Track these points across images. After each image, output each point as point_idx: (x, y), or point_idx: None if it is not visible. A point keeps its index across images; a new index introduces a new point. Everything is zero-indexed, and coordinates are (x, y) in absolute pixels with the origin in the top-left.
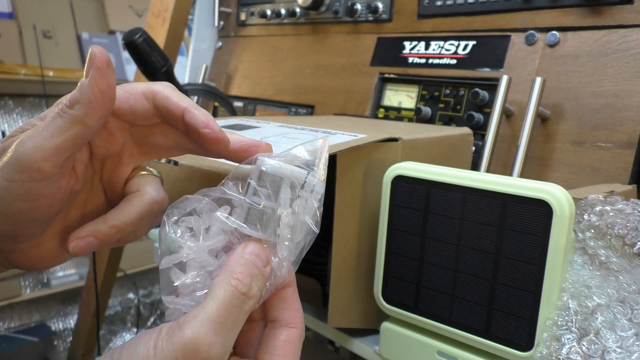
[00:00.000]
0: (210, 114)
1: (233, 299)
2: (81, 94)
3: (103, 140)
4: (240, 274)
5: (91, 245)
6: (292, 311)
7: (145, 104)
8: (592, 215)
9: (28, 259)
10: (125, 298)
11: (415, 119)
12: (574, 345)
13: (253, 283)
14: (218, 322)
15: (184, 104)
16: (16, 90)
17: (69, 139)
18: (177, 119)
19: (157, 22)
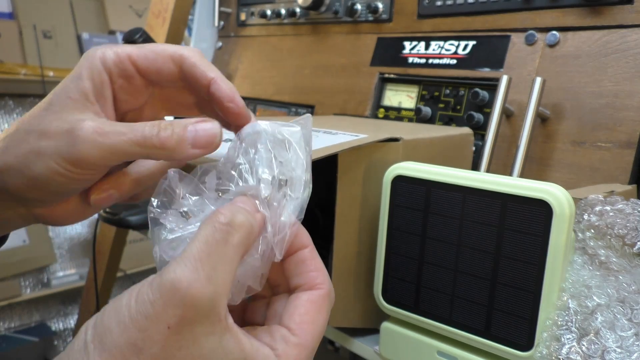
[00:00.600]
0: (234, 88)
1: (215, 232)
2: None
3: (127, 95)
4: (223, 209)
5: (112, 197)
6: (312, 272)
7: (172, 68)
8: (592, 215)
9: (53, 215)
10: None
11: (415, 119)
12: (574, 345)
13: (237, 214)
14: (199, 259)
15: (211, 74)
16: (16, 90)
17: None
18: (202, 87)
19: (157, 22)
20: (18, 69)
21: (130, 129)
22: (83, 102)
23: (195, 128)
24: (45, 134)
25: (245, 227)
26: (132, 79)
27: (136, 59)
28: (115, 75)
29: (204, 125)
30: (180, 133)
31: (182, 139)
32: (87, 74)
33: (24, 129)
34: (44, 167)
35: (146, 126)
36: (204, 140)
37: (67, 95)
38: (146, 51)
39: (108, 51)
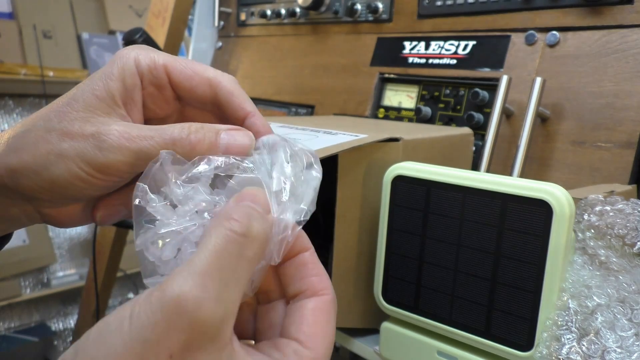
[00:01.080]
0: (269, 125)
1: (228, 243)
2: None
3: (153, 104)
4: (236, 214)
5: (119, 214)
6: (315, 277)
7: (207, 91)
8: (592, 215)
9: (60, 216)
10: (125, 298)
11: (415, 119)
12: (574, 345)
13: (254, 222)
14: (208, 274)
15: (249, 107)
16: (16, 90)
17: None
18: (236, 119)
19: (157, 22)
20: (18, 69)
21: (158, 132)
22: (109, 103)
23: (229, 135)
24: (68, 135)
25: (261, 239)
26: (163, 89)
27: (171, 71)
28: (146, 81)
29: (237, 134)
30: (212, 138)
31: (213, 144)
32: (118, 74)
33: (44, 126)
34: (65, 171)
35: (175, 128)
36: (236, 149)
37: (93, 92)
38: (184, 66)
39: (143, 54)
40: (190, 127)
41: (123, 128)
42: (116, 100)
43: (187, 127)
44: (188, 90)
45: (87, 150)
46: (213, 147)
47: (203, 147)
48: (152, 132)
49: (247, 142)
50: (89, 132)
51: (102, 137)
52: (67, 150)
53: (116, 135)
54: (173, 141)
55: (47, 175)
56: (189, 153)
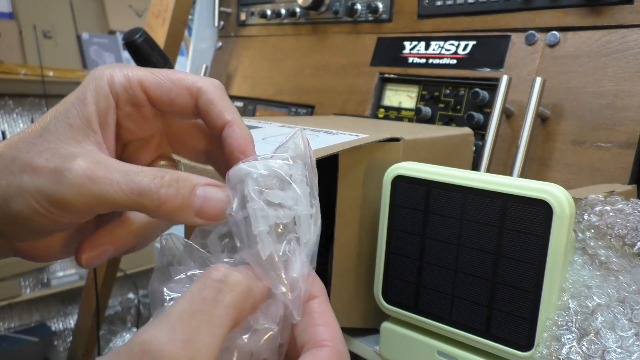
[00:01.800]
0: (251, 137)
1: (203, 289)
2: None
3: (133, 124)
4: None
5: (106, 254)
6: (319, 326)
7: (188, 100)
8: (592, 215)
9: (35, 251)
10: (125, 298)
11: (415, 119)
12: (574, 345)
13: (234, 272)
14: (179, 319)
15: (227, 117)
16: (16, 90)
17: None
18: (215, 128)
19: (157, 22)
20: (18, 69)
21: (126, 177)
22: (84, 130)
23: (205, 193)
24: (30, 167)
25: (241, 287)
26: (141, 107)
27: (148, 86)
28: (122, 102)
29: (215, 193)
30: (185, 195)
31: (186, 203)
32: (92, 97)
33: (10, 155)
34: (24, 206)
35: (146, 176)
36: (212, 211)
37: (67, 121)
38: (161, 78)
39: (117, 73)
40: (163, 177)
41: (88, 164)
42: (92, 126)
43: (160, 178)
44: (168, 103)
45: (45, 186)
46: (184, 207)
47: (173, 205)
48: (120, 176)
49: (224, 203)
50: (52, 166)
51: (63, 172)
52: (27, 184)
53: (79, 172)
54: (140, 192)
55: (8, 210)
56: (156, 209)
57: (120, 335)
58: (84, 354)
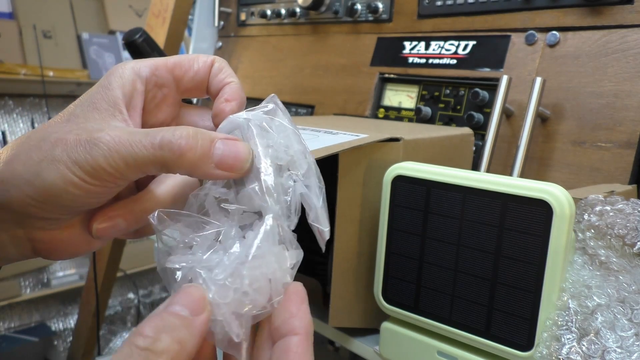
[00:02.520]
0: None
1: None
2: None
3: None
4: (147, 327)
5: (117, 227)
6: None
7: (206, 71)
8: (592, 215)
9: (53, 242)
10: (125, 298)
11: (415, 119)
12: (574, 345)
13: (162, 335)
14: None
15: (232, 79)
16: (16, 90)
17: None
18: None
19: (157, 22)
20: (18, 69)
21: (148, 136)
22: (110, 111)
23: (224, 145)
24: (62, 142)
25: (172, 351)
26: (167, 88)
27: (172, 67)
28: (150, 84)
29: (233, 145)
30: (205, 146)
31: (206, 154)
32: (117, 83)
33: (39, 137)
34: (58, 176)
35: (167, 132)
36: (231, 163)
37: (94, 106)
38: (179, 58)
39: (140, 63)
40: (183, 130)
41: (116, 132)
42: (118, 107)
43: (180, 130)
44: (191, 78)
45: (79, 155)
46: (205, 157)
47: (194, 155)
48: (142, 136)
49: (244, 155)
50: (83, 138)
51: (94, 141)
52: (60, 156)
53: (108, 139)
54: (161, 145)
55: (40, 183)
56: (178, 160)
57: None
58: (84, 354)
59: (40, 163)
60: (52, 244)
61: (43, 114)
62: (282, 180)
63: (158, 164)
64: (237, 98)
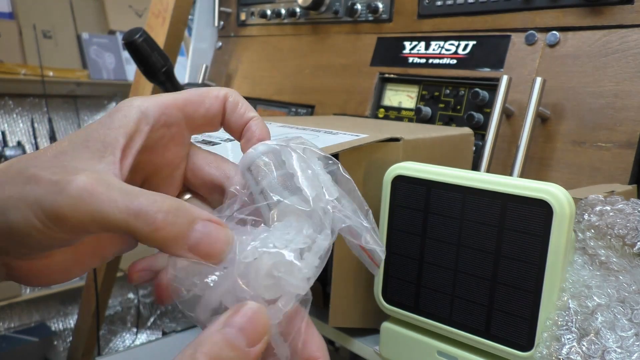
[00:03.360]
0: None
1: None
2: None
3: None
4: (202, 355)
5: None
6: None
7: (218, 107)
8: (592, 215)
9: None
10: (125, 298)
11: (415, 119)
12: (574, 345)
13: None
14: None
15: (252, 114)
16: (16, 90)
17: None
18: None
19: (157, 22)
20: (18, 69)
21: (127, 197)
22: (101, 153)
23: (205, 229)
24: (34, 178)
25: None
26: (175, 127)
27: (182, 105)
28: (158, 124)
29: (215, 231)
30: (182, 226)
31: (181, 235)
32: (119, 122)
33: (18, 168)
34: (21, 217)
35: (146, 199)
36: (207, 250)
37: (86, 144)
38: (188, 94)
39: (148, 100)
40: (163, 202)
41: (91, 180)
42: (111, 149)
43: (160, 203)
44: (203, 114)
45: (45, 197)
46: (179, 238)
47: (167, 234)
48: (119, 194)
49: (223, 244)
50: (55, 178)
51: (64, 184)
52: (27, 194)
53: (79, 185)
54: (137, 213)
55: (4, 221)
56: (149, 234)
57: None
58: (84, 354)
59: (8, 200)
60: (27, 271)
61: (43, 114)
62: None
63: (126, 231)
64: (267, 135)
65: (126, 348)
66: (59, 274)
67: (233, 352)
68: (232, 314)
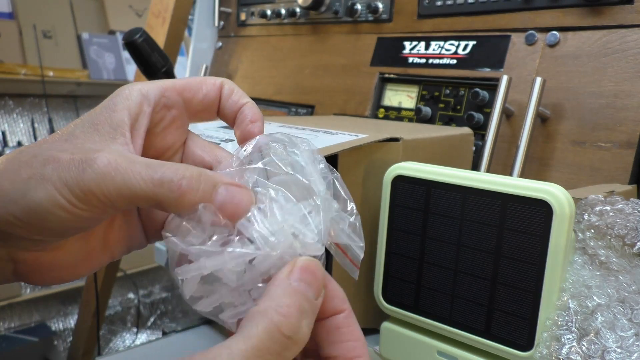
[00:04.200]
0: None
1: (273, 342)
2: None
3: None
4: (287, 307)
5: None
6: (351, 342)
7: (215, 93)
8: (592, 215)
9: (37, 263)
10: (125, 298)
11: (415, 119)
12: (574, 345)
13: (303, 323)
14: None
15: (245, 99)
16: (16, 90)
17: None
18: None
19: (157, 22)
20: (18, 69)
21: (149, 168)
22: (111, 134)
23: (227, 192)
24: (54, 160)
25: (305, 339)
26: (175, 109)
27: (181, 89)
28: (158, 106)
29: (237, 193)
30: (207, 190)
31: (206, 198)
32: (123, 104)
33: (31, 153)
34: (45, 196)
35: (169, 169)
36: (231, 211)
37: (95, 127)
38: (187, 80)
39: (148, 84)
40: (186, 170)
41: (114, 157)
42: (121, 130)
43: (183, 170)
44: (201, 100)
45: (70, 176)
46: (205, 201)
47: (194, 197)
48: (142, 167)
49: (246, 204)
50: (77, 157)
51: (88, 162)
52: (50, 174)
53: (104, 162)
54: (161, 182)
55: (25, 203)
56: (176, 200)
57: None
58: (84, 354)
59: (28, 181)
60: (35, 266)
61: (43, 114)
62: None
63: (153, 201)
64: (260, 118)
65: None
66: (66, 271)
67: (308, 304)
68: (297, 267)
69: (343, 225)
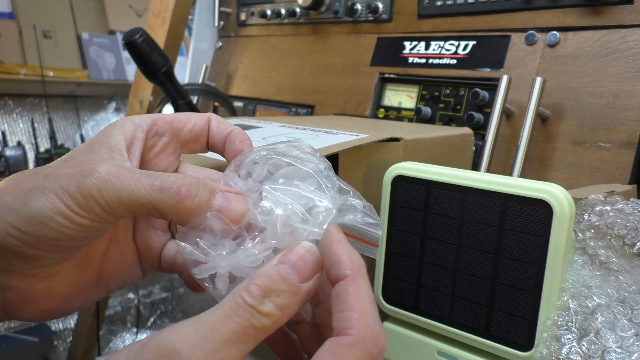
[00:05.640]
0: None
1: (238, 309)
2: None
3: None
4: (255, 286)
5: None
6: (343, 312)
7: (204, 124)
8: (592, 215)
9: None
10: (125, 298)
11: (415, 119)
12: (574, 345)
13: (269, 299)
14: (212, 327)
15: (232, 127)
16: (16, 90)
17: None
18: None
19: (157, 22)
20: (18, 69)
21: (149, 177)
22: (110, 153)
23: (225, 199)
24: (55, 174)
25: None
26: (165, 137)
27: (171, 120)
28: (151, 133)
29: (234, 200)
30: (204, 197)
31: (204, 204)
32: (118, 131)
33: (32, 171)
34: (45, 203)
35: (168, 177)
36: (228, 216)
37: (92, 150)
38: (176, 114)
39: (139, 116)
40: (185, 179)
41: (114, 167)
42: (119, 151)
43: (182, 178)
44: (190, 130)
45: (71, 183)
46: (203, 207)
47: (191, 204)
48: (142, 175)
49: (242, 210)
50: (78, 170)
51: (89, 172)
52: (51, 185)
53: (105, 170)
54: (161, 188)
55: (25, 211)
56: (174, 206)
57: (120, 335)
58: (84, 354)
59: (29, 192)
60: (27, 294)
61: (43, 114)
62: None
63: (152, 207)
64: (248, 138)
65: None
66: (59, 302)
67: (285, 285)
68: (286, 252)
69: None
